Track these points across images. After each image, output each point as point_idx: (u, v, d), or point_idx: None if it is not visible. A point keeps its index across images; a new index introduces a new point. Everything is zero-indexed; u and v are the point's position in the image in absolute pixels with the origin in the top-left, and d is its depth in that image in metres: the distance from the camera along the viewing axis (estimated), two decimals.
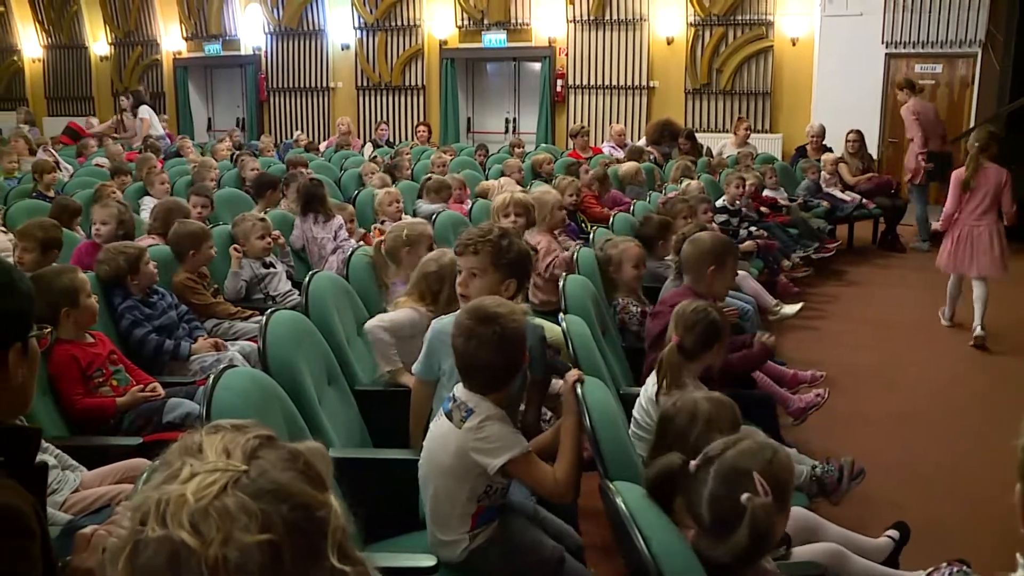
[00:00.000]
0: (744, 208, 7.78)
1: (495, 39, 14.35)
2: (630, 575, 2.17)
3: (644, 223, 5.68)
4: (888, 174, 10.93)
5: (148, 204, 6.96)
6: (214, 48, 16.49)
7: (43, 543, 1.52)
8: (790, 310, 6.23)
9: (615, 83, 13.85)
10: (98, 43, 17.41)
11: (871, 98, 11.99)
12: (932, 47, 11.85)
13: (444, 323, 3.07)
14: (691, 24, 13.28)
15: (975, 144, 6.52)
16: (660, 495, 2.05)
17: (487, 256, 3.06)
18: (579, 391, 2.56)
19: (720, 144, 11.37)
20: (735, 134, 11.23)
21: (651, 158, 10.39)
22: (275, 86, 16.17)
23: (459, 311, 2.64)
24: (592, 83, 14.02)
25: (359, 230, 6.39)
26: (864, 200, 9.75)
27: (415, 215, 6.84)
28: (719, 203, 7.48)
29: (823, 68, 12.23)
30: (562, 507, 2.89)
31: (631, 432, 3.11)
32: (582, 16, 13.86)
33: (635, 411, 3.24)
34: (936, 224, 7.12)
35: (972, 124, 10.77)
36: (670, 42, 13.44)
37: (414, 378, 3.18)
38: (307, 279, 3.74)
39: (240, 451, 1.01)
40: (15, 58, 18.14)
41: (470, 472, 2.44)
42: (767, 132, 12.84)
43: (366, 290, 4.17)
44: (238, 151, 11.22)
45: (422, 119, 14.43)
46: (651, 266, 5.16)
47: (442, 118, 14.80)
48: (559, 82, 14.12)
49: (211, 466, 0.97)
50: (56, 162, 9.70)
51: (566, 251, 5.10)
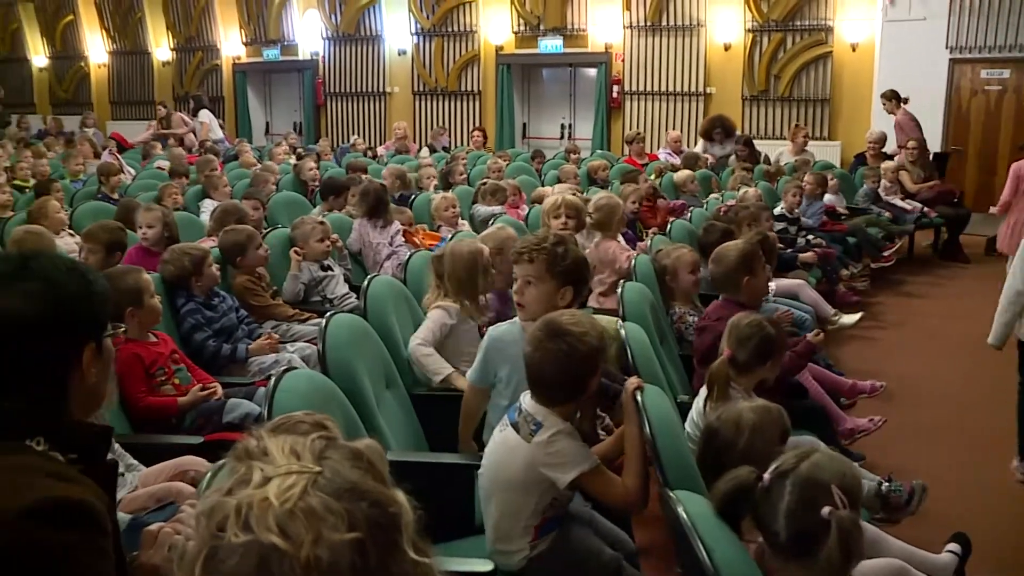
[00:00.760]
0: (803, 216, 7.70)
1: (551, 45, 14.33)
2: None
3: (707, 231, 5.61)
4: (951, 183, 10.71)
5: (208, 206, 7.06)
6: (272, 53, 16.70)
7: (115, 540, 1.54)
8: (849, 320, 6.13)
9: (671, 89, 13.76)
10: (160, 49, 17.74)
11: (934, 105, 11.70)
12: (999, 52, 11.57)
13: (501, 331, 3.09)
14: (749, 30, 13.15)
15: None
16: (730, 511, 2.02)
17: (542, 264, 3.06)
18: (639, 399, 2.54)
19: (777, 152, 11.23)
20: (792, 141, 11.08)
21: (707, 163, 10.32)
22: (332, 91, 16.32)
23: (535, 324, 2.63)
24: (648, 89, 13.95)
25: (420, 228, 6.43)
26: (926, 209, 9.58)
27: (472, 220, 6.87)
28: (776, 211, 7.40)
29: (884, 74, 11.97)
30: (616, 512, 2.87)
31: None
32: (639, 22, 13.80)
33: (687, 424, 3.21)
34: (993, 209, 7.66)
35: None
36: (727, 48, 13.33)
37: (467, 382, 3.19)
38: (365, 283, 3.77)
39: (309, 452, 1.01)
40: (82, 64, 18.60)
41: (538, 485, 2.43)
42: (825, 139, 12.66)
43: (423, 294, 4.18)
44: (296, 154, 11.37)
45: (477, 124, 14.46)
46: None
47: (497, 123, 14.83)
48: (615, 88, 14.06)
49: (284, 468, 0.97)
50: (120, 165, 9.92)
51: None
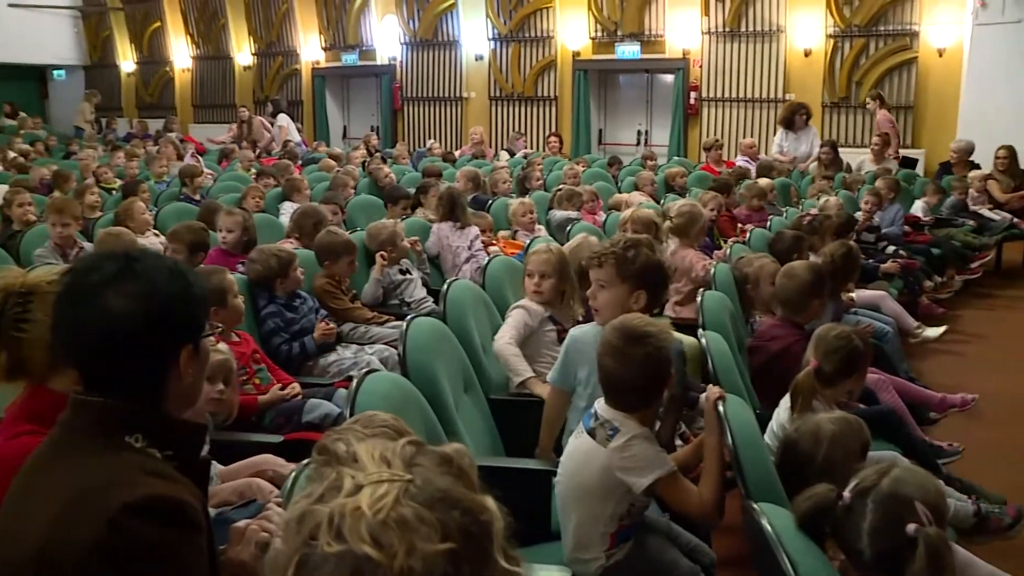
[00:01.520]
0: (882, 224, 7.55)
1: (628, 51, 14.25)
2: None
3: (778, 238, 5.53)
4: None
5: (288, 209, 7.17)
6: (351, 58, 16.91)
7: (208, 537, 1.57)
8: (933, 333, 5.98)
9: (749, 96, 13.57)
10: (242, 53, 18.12)
11: None
12: None
13: (583, 331, 3.09)
14: (830, 35, 12.89)
15: None
16: (812, 529, 1.97)
17: (612, 268, 3.08)
18: (721, 409, 2.51)
19: (858, 160, 10.99)
20: (873, 150, 10.85)
21: (788, 160, 10.21)
22: (409, 95, 16.46)
23: (606, 328, 2.62)
24: (726, 95, 13.77)
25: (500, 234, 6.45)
26: (1015, 220, 9.28)
27: (548, 225, 6.87)
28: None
29: (972, 80, 11.60)
30: (694, 521, 2.84)
31: None
32: (717, 27, 13.64)
33: (766, 436, 3.16)
34: None
35: None
36: (808, 54, 13.08)
37: (548, 387, 3.19)
38: (445, 287, 3.79)
39: (399, 459, 1.01)
40: (167, 68, 19.14)
41: (614, 491, 2.42)
42: (909, 147, 12.32)
43: (502, 299, 4.19)
44: (371, 157, 11.50)
45: (553, 130, 14.46)
46: None
47: (574, 129, 14.79)
48: (692, 94, 13.92)
49: (375, 476, 0.97)
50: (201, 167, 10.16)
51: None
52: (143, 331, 1.58)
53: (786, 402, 3.13)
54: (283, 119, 14.52)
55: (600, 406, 2.51)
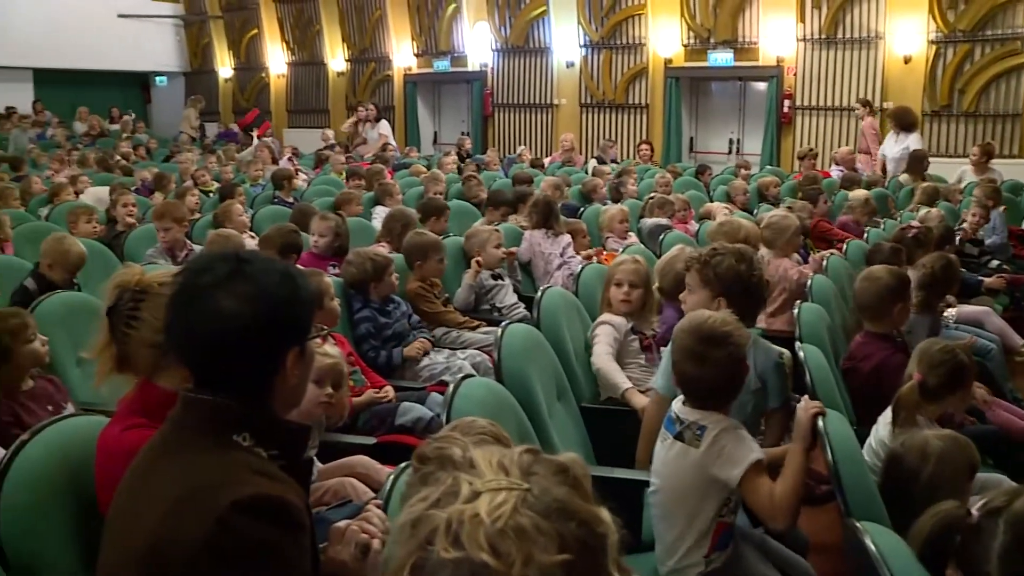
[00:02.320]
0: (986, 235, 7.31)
1: (721, 58, 14.06)
2: None
3: (875, 250, 5.36)
4: None
5: (379, 213, 7.26)
6: (442, 64, 17.06)
7: (311, 536, 1.59)
8: None
9: (845, 104, 13.25)
10: (335, 60, 18.43)
11: None
12: None
13: None
14: (932, 41, 12.49)
15: None
16: (934, 548, 1.91)
17: (696, 273, 3.13)
18: (820, 424, 2.46)
19: (960, 170, 10.64)
20: (972, 160, 10.47)
21: (885, 183, 9.94)
22: (500, 102, 16.53)
23: (677, 331, 2.60)
24: (821, 104, 13.48)
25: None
26: None
27: (639, 232, 6.83)
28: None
29: None
30: (793, 538, 2.79)
31: None
32: (813, 34, 13.35)
33: (864, 453, 3.08)
34: None
35: None
36: (907, 61, 12.71)
37: (648, 396, 3.18)
38: (539, 294, 3.80)
39: (516, 467, 1.00)
40: (263, 74, 19.61)
41: (711, 488, 2.41)
42: (1014, 157, 11.86)
43: (594, 306, 4.17)
44: (463, 162, 11.57)
45: (644, 137, 14.36)
46: None
47: (665, 137, 14.66)
48: (786, 102, 13.68)
49: (494, 484, 0.97)
50: (296, 170, 10.38)
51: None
52: (252, 332, 1.60)
53: (885, 417, 3.05)
54: (384, 126, 14.67)
55: (679, 409, 2.52)
